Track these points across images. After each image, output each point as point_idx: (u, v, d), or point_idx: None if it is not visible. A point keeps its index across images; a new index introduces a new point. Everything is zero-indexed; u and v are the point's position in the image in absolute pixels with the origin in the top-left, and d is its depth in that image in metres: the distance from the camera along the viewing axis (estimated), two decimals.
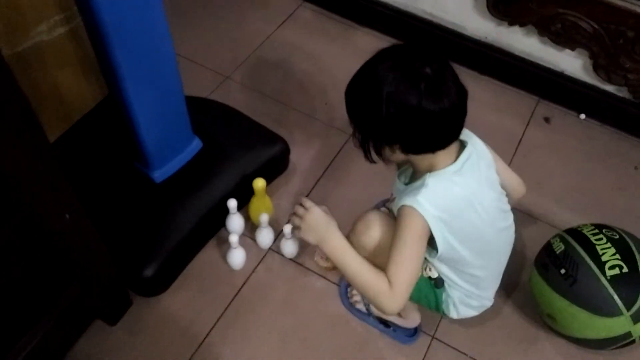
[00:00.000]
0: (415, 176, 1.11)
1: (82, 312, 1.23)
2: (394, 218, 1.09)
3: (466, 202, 1.04)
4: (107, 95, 1.47)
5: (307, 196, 1.58)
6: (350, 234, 1.19)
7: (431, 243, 1.05)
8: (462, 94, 0.96)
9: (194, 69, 1.85)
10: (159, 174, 1.38)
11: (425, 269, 1.17)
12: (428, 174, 1.03)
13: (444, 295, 1.19)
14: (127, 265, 1.31)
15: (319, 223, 1.09)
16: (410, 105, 0.92)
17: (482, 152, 1.11)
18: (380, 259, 1.11)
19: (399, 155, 1.03)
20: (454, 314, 1.22)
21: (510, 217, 1.19)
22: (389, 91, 0.93)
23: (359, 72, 1.00)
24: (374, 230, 1.15)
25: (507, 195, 1.18)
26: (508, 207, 1.18)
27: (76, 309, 1.18)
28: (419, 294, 1.20)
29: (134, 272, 1.31)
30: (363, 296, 1.32)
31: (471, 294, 1.18)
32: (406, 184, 1.12)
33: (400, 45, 1.00)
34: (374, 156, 1.06)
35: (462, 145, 1.06)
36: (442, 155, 1.02)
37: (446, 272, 1.15)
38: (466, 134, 1.08)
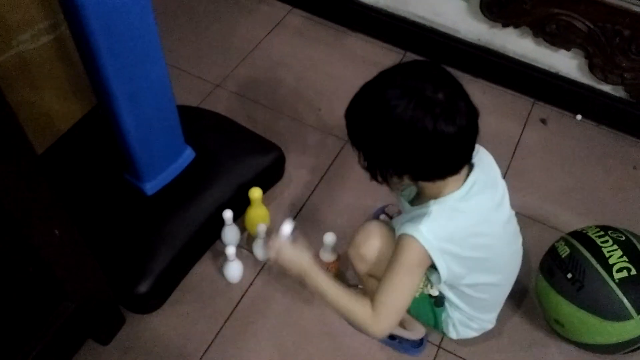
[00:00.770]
0: (419, 196, 1.07)
1: (73, 331, 1.17)
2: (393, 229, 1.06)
3: (472, 230, 0.99)
4: (95, 106, 1.43)
5: (303, 205, 1.54)
6: (349, 248, 1.16)
7: (434, 266, 1.00)
8: (473, 115, 0.91)
9: (184, 78, 1.81)
10: (151, 186, 1.34)
11: (426, 286, 1.13)
12: (432, 201, 0.98)
13: (443, 315, 1.16)
14: (120, 281, 1.26)
15: (292, 263, 1.07)
16: (424, 129, 0.87)
17: (489, 172, 1.05)
18: (378, 269, 1.08)
19: (407, 183, 0.98)
20: (453, 335, 1.18)
21: (519, 239, 1.15)
22: (403, 117, 0.87)
23: (363, 97, 0.93)
24: (373, 240, 1.12)
25: None
26: (517, 228, 1.14)
27: (68, 329, 1.13)
28: (417, 311, 1.17)
29: (127, 289, 1.26)
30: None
31: (472, 317, 1.15)
32: (410, 202, 1.08)
33: (404, 66, 0.94)
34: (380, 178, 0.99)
35: (470, 168, 1.01)
36: (450, 181, 0.97)
37: (449, 294, 1.11)
38: (478, 152, 1.01)
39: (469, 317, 1.15)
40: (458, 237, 0.98)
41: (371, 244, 1.12)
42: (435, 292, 1.13)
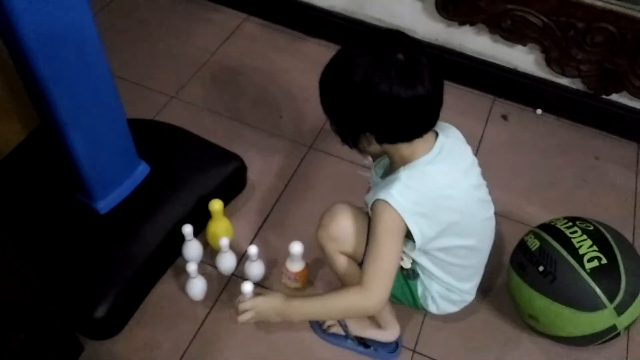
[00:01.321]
0: (391, 168, 1.08)
1: None
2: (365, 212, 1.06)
3: (441, 192, 1.01)
4: (40, 124, 1.36)
5: (269, 214, 1.49)
6: (318, 231, 1.14)
7: (408, 235, 1.01)
8: (437, 82, 0.93)
9: (137, 91, 1.75)
10: (104, 205, 1.27)
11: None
12: (402, 167, 1.00)
13: (420, 289, 1.14)
14: (75, 307, 1.19)
15: (268, 315, 1.09)
16: (381, 92, 0.89)
17: (457, 141, 1.07)
18: (350, 247, 1.11)
19: (374, 146, 1.00)
20: (433, 309, 1.16)
21: (491, 209, 1.14)
22: (360, 78, 0.90)
23: (332, 59, 0.96)
24: (340, 218, 1.11)
25: None
26: (488, 197, 1.14)
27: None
28: (393, 288, 1.12)
29: (84, 314, 1.19)
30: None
31: (451, 287, 1.13)
32: (382, 178, 1.09)
33: (375, 31, 0.97)
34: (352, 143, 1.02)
35: (436, 136, 1.03)
36: (418, 146, 0.99)
37: (425, 264, 1.10)
38: (441, 126, 1.04)
39: (448, 288, 1.13)
40: (428, 198, 0.99)
41: (339, 222, 1.11)
42: (407, 265, 1.11)
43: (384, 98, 0.90)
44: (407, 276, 1.13)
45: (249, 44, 1.93)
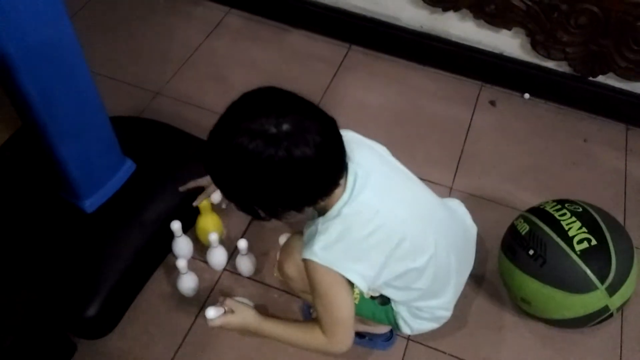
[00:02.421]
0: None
1: None
2: None
3: (367, 230, 0.95)
4: (22, 125, 1.34)
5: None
6: (275, 271, 1.14)
7: None
8: (327, 128, 0.87)
9: (122, 88, 1.73)
10: (90, 203, 1.26)
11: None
12: (320, 219, 0.95)
13: (392, 313, 1.11)
14: (66, 306, 1.18)
15: (239, 329, 1.07)
16: (281, 163, 0.84)
17: (368, 156, 1.00)
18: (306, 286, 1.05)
19: (297, 216, 0.94)
20: (407, 330, 1.12)
21: (440, 207, 1.09)
22: (258, 162, 0.84)
23: (216, 150, 0.89)
24: (294, 257, 1.07)
25: None
26: (433, 197, 1.08)
27: None
28: (368, 314, 1.13)
29: (75, 314, 1.19)
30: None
31: (420, 307, 1.09)
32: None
33: (244, 104, 0.90)
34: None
35: (345, 169, 0.95)
36: (335, 191, 0.93)
37: (386, 293, 1.07)
38: (345, 142, 0.94)
39: (417, 307, 1.09)
40: (355, 242, 0.94)
41: (293, 262, 1.08)
42: (375, 293, 1.09)
43: (288, 166, 0.84)
44: (381, 302, 1.11)
45: (233, 37, 1.91)
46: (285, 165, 0.84)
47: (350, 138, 1.00)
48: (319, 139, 0.85)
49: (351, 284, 0.97)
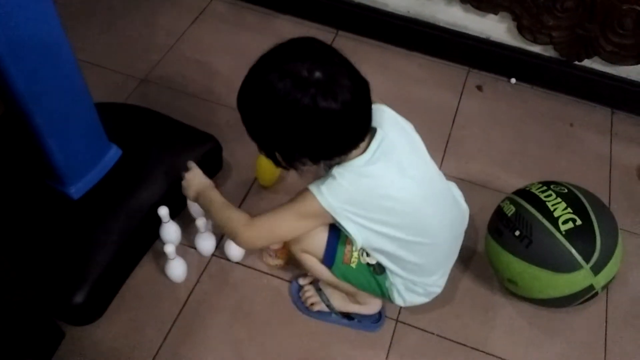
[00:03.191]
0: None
1: (6, 353, 1.08)
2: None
3: (379, 193, 0.97)
4: (4, 112, 1.32)
5: (247, 193, 1.48)
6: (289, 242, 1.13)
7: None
8: (358, 89, 0.89)
9: (107, 75, 1.71)
10: (76, 189, 1.25)
11: (362, 255, 1.11)
12: (336, 166, 0.97)
13: (387, 283, 1.13)
14: (54, 294, 1.18)
15: (197, 180, 1.18)
16: (305, 110, 0.86)
17: (396, 129, 1.02)
18: (310, 246, 1.11)
19: (310, 167, 0.96)
20: (400, 302, 1.15)
21: (450, 199, 1.12)
22: (282, 102, 0.86)
23: (247, 84, 0.92)
24: (302, 240, 1.10)
25: None
26: (445, 185, 1.11)
27: None
28: (361, 281, 1.14)
29: (62, 301, 1.18)
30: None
31: (414, 281, 1.11)
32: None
33: (282, 47, 0.91)
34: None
35: (373, 133, 0.98)
36: (353, 152, 0.95)
37: (383, 261, 1.09)
38: (378, 115, 0.99)
39: (412, 282, 1.11)
40: (362, 200, 0.96)
41: (307, 238, 1.09)
42: (372, 261, 1.10)
43: (310, 116, 0.86)
44: (374, 271, 1.12)
45: (219, 23, 1.90)
46: (308, 113, 0.86)
47: (385, 110, 1.03)
48: (348, 96, 0.86)
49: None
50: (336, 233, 1.10)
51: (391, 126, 1.01)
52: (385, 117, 1.01)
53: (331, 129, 0.88)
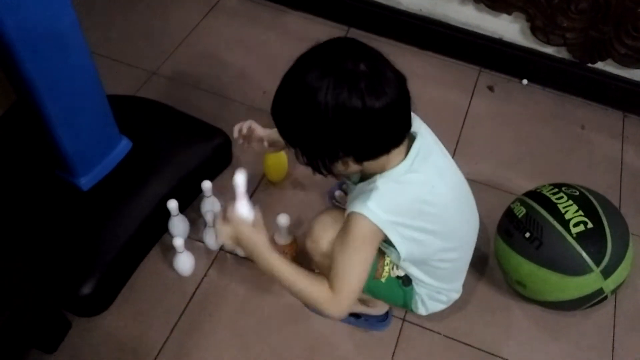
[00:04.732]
0: (363, 177, 1.01)
1: (13, 342, 1.08)
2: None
3: (421, 199, 0.96)
4: (15, 102, 1.32)
5: (255, 189, 1.48)
6: (307, 241, 1.10)
7: (392, 244, 0.97)
8: (401, 81, 0.88)
9: (118, 68, 1.71)
10: (86, 181, 1.25)
11: (393, 269, 1.09)
12: (378, 175, 0.94)
13: (412, 294, 1.13)
14: (62, 284, 1.18)
15: (246, 241, 0.99)
16: (354, 108, 0.83)
17: (431, 138, 1.02)
18: None
19: (353, 167, 0.93)
20: (422, 311, 1.15)
21: (473, 203, 1.12)
22: (328, 100, 0.82)
23: (285, 87, 0.89)
24: (330, 233, 1.04)
25: None
26: (468, 189, 1.11)
27: (6, 339, 1.04)
28: (388, 294, 1.13)
29: (70, 292, 1.18)
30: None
31: (439, 289, 1.12)
32: (355, 183, 1.03)
33: (319, 46, 0.89)
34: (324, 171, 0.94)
35: (411, 138, 0.97)
36: (394, 154, 0.93)
37: (414, 272, 1.08)
38: (414, 123, 0.96)
39: (437, 290, 1.11)
40: (407, 208, 0.95)
41: (329, 238, 1.05)
42: (401, 273, 1.09)
43: (358, 114, 0.83)
44: (403, 283, 1.11)
45: (230, 18, 1.90)
46: (356, 112, 0.83)
47: (419, 119, 1.00)
48: (394, 89, 0.85)
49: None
50: None
51: (425, 130, 0.99)
52: (418, 122, 0.99)
53: (380, 124, 0.86)
